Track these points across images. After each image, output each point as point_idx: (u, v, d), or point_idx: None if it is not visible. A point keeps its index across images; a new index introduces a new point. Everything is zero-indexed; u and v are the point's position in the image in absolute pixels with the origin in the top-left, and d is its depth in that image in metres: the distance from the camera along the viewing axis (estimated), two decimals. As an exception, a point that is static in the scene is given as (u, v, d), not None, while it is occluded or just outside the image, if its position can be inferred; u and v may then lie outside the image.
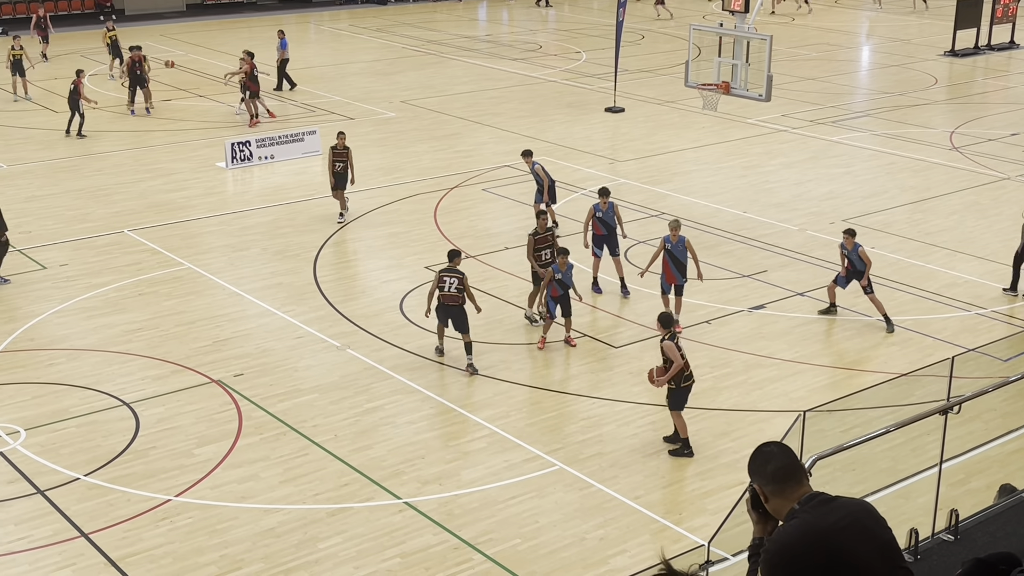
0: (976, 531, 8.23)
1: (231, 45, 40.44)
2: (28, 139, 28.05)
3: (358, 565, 11.64)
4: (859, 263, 17.52)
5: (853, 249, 17.55)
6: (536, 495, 12.97)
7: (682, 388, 13.75)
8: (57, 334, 17.30)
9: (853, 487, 11.48)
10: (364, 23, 46.30)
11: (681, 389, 13.75)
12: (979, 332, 17.31)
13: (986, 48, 40.47)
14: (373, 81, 35.28)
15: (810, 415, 10.07)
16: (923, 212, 22.96)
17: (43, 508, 12.60)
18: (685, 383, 13.75)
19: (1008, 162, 26.45)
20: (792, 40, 41.62)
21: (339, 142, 21.95)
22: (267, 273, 19.77)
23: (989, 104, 33.45)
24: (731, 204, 23.32)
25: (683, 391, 13.78)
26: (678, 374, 13.58)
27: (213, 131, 28.82)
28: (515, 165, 25.96)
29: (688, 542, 11.98)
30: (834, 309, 17.95)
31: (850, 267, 17.61)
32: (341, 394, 15.36)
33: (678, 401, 13.81)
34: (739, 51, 23.42)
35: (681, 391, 13.76)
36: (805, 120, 30.38)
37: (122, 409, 14.87)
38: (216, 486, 13.07)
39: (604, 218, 18.57)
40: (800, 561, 4.36)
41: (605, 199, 18.63)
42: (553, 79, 35.60)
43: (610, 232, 18.61)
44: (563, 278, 16.43)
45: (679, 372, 13.57)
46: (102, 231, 21.50)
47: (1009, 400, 13.67)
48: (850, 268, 17.62)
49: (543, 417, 14.77)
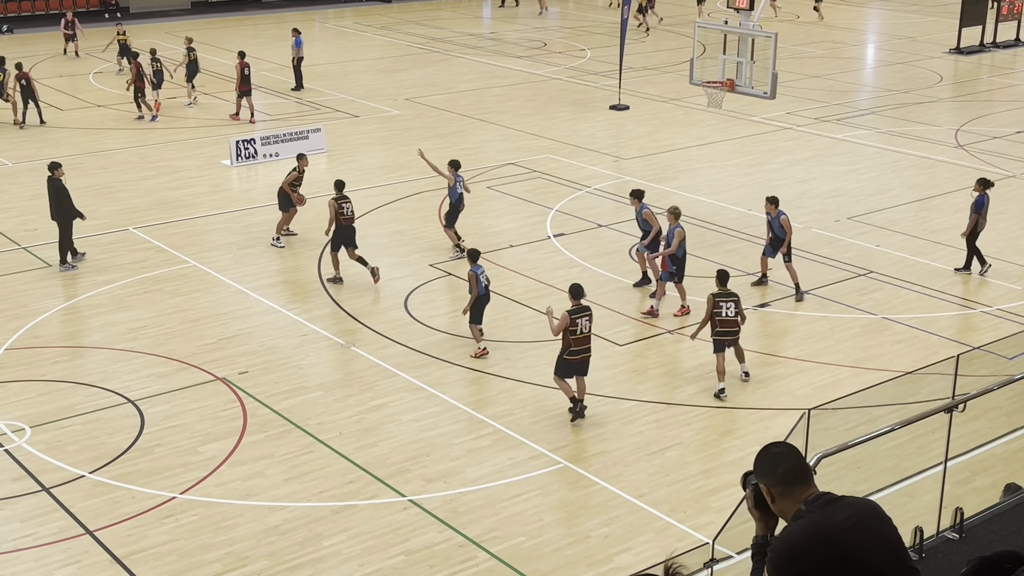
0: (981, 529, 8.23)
1: (236, 43, 40.45)
2: (32, 136, 28.08)
3: (362, 563, 11.65)
4: (780, 231, 18.20)
5: (776, 217, 18.18)
6: (540, 493, 12.97)
7: (565, 359, 14.30)
8: (62, 331, 17.33)
9: (858, 485, 11.47)
10: (369, 21, 46.31)
11: (565, 359, 14.30)
12: (984, 330, 17.29)
13: (991, 46, 40.41)
14: (378, 79, 35.28)
15: (815, 413, 10.06)
16: (928, 210, 22.93)
17: (48, 505, 12.62)
18: (571, 356, 14.26)
19: (1013, 160, 26.41)
20: (797, 38, 41.57)
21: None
22: (272, 271, 19.78)
23: (994, 102, 33.41)
24: (736, 202, 23.31)
25: (566, 361, 14.32)
26: (565, 345, 14.16)
27: (218, 129, 28.84)
28: (520, 163, 25.97)
29: (692, 540, 11.98)
30: (765, 280, 18.67)
31: (772, 236, 18.35)
32: (346, 391, 15.38)
33: (561, 369, 14.40)
34: (744, 49, 23.41)
35: (565, 361, 14.32)
36: (810, 118, 30.34)
37: (127, 406, 14.89)
38: (221, 483, 13.09)
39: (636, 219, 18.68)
40: (807, 560, 4.36)
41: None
42: (558, 77, 35.58)
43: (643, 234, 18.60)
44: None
45: (567, 343, 14.14)
46: (107, 229, 21.52)
47: (1014, 398, 13.63)
48: (772, 237, 18.35)
49: (547, 415, 14.77)
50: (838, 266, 19.81)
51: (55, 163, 19.81)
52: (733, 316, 15.17)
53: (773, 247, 18.41)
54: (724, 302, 15.18)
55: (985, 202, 19.13)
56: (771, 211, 18.28)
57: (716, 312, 15.14)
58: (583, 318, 14.22)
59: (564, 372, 14.42)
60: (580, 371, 14.44)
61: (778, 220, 18.15)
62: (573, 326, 14.15)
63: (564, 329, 14.15)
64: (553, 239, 21.10)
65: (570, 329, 14.15)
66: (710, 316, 15.19)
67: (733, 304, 15.21)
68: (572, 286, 14.57)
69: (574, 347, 14.23)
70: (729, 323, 15.18)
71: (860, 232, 21.56)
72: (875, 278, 19.29)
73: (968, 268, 19.34)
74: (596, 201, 23.42)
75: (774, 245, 18.38)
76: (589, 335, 14.32)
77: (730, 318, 15.16)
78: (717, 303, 15.15)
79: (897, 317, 17.69)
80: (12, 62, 29.25)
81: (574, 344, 14.21)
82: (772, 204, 18.32)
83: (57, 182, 19.46)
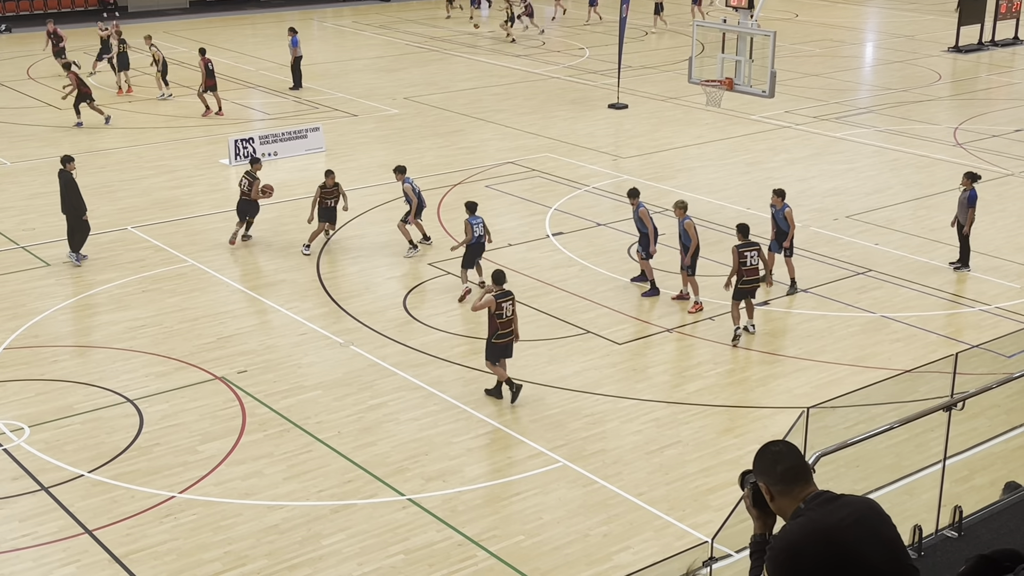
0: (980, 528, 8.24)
1: (235, 42, 40.48)
2: (32, 136, 28.07)
3: (361, 562, 11.65)
4: (784, 223, 18.26)
5: (780, 209, 18.25)
6: (539, 492, 12.97)
7: (494, 343, 14.83)
8: (61, 331, 17.32)
9: (857, 484, 11.48)
10: (367, 20, 46.29)
11: (493, 344, 14.84)
12: (983, 328, 17.30)
13: (990, 44, 40.41)
14: (376, 78, 35.28)
15: (813, 411, 10.06)
16: (927, 208, 22.94)
17: (47, 505, 12.62)
18: (498, 339, 14.81)
19: (1012, 158, 26.41)
20: (796, 36, 41.56)
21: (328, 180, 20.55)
22: (271, 270, 19.78)
23: (993, 100, 33.42)
24: (734, 200, 23.31)
25: (495, 345, 14.86)
26: (493, 329, 14.74)
27: (216, 128, 28.83)
28: (519, 162, 25.97)
29: (691, 539, 11.98)
30: (768, 277, 18.44)
31: (776, 229, 18.36)
32: (344, 391, 15.38)
33: (491, 353, 14.95)
34: (743, 47, 23.40)
35: (493, 345, 14.86)
36: (809, 116, 30.34)
37: (126, 406, 14.89)
38: (220, 483, 13.09)
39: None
40: (806, 559, 4.36)
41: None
42: (556, 75, 35.58)
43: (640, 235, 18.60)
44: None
45: (494, 327, 14.71)
46: (106, 228, 21.51)
47: (1013, 396, 13.64)
48: (776, 230, 18.36)
49: (546, 414, 14.77)
50: (837, 264, 19.82)
51: (67, 156, 20.06)
52: (756, 264, 16.29)
53: (778, 241, 18.42)
54: (748, 251, 16.28)
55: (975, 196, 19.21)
56: (776, 203, 18.31)
57: (741, 262, 16.20)
58: (507, 302, 14.86)
59: (495, 356, 15.01)
60: (507, 354, 15.11)
61: (782, 212, 18.19)
62: (499, 310, 14.78)
63: (491, 314, 14.79)
64: (552, 238, 21.10)
65: (496, 313, 14.77)
66: (738, 266, 16.24)
67: (756, 252, 16.33)
68: (494, 272, 15.19)
69: (501, 331, 14.85)
70: (752, 271, 16.33)
71: (859, 230, 21.57)
72: (874, 276, 19.30)
73: (967, 264, 19.35)
74: (595, 200, 23.41)
75: (779, 239, 18.40)
76: (512, 319, 14.94)
77: (753, 266, 16.28)
78: (741, 253, 16.21)
79: (896, 315, 17.70)
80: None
81: (500, 328, 14.83)
82: (778, 196, 18.37)
83: (67, 175, 19.66)
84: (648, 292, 18.37)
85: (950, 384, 10.63)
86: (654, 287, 18.34)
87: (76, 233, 19.80)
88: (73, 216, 19.76)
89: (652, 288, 18.36)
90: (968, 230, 19.21)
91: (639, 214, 18.30)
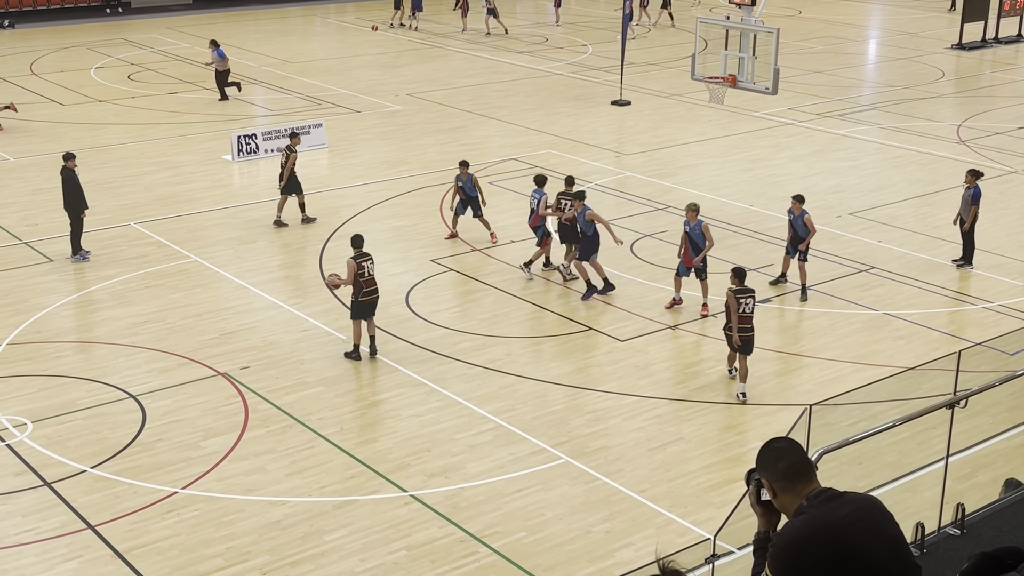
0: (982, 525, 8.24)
1: (239, 38, 40.45)
2: (34, 132, 28.09)
3: (364, 558, 11.66)
4: (802, 230, 18.08)
5: (800, 216, 18.05)
6: (542, 488, 12.98)
7: (361, 302, 15.73)
8: (64, 327, 17.33)
9: (859, 481, 11.49)
10: (370, 16, 46.25)
11: (360, 303, 15.73)
12: (986, 326, 17.28)
13: (993, 41, 40.35)
14: (379, 74, 35.27)
15: (816, 409, 10.06)
16: (930, 206, 22.92)
17: (50, 500, 12.64)
18: (364, 297, 15.71)
19: (1015, 155, 26.38)
20: (799, 33, 41.52)
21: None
22: (273, 266, 19.79)
23: (996, 97, 33.37)
24: (737, 197, 23.30)
25: (361, 304, 15.76)
26: (357, 289, 15.68)
27: (219, 124, 28.84)
28: (521, 158, 25.96)
29: (694, 535, 11.99)
30: (784, 279, 18.52)
31: (793, 233, 18.17)
32: (347, 387, 15.39)
33: (357, 312, 15.82)
34: (746, 44, 23.37)
35: (360, 304, 15.75)
36: (812, 113, 30.32)
37: (129, 401, 14.90)
38: (222, 478, 13.10)
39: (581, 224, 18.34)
40: (808, 556, 4.37)
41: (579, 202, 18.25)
42: (559, 72, 35.56)
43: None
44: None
45: (358, 287, 15.67)
46: (108, 224, 21.53)
47: (1016, 394, 13.63)
48: (793, 235, 18.18)
49: (549, 410, 14.78)
50: (839, 262, 19.80)
51: (69, 153, 20.02)
52: (751, 312, 15.10)
53: (794, 245, 18.18)
54: (744, 298, 15.06)
55: (979, 193, 19.19)
56: (796, 209, 18.01)
57: (738, 308, 15.02)
58: (367, 262, 15.80)
59: (359, 314, 15.86)
60: (371, 313, 15.94)
61: (801, 219, 17.91)
62: (360, 270, 15.68)
63: (353, 274, 15.66)
64: (555, 235, 21.09)
65: (358, 273, 15.66)
66: (736, 313, 15.01)
67: (752, 300, 15.14)
68: (353, 236, 16.10)
69: (365, 288, 15.73)
70: (747, 319, 15.07)
71: (862, 228, 21.55)
72: (876, 274, 19.29)
73: (970, 261, 19.33)
74: (597, 197, 23.38)
75: (794, 244, 18.17)
76: (374, 277, 15.90)
77: (748, 314, 15.07)
78: (738, 300, 15.02)
79: (898, 313, 17.69)
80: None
81: (365, 286, 15.73)
82: (798, 202, 18.05)
83: (68, 172, 19.64)
84: (586, 294, 18.16)
85: (953, 382, 10.61)
86: (591, 287, 18.20)
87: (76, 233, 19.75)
88: (73, 214, 19.73)
89: (589, 289, 18.18)
90: (969, 227, 19.18)
91: (587, 216, 17.96)
